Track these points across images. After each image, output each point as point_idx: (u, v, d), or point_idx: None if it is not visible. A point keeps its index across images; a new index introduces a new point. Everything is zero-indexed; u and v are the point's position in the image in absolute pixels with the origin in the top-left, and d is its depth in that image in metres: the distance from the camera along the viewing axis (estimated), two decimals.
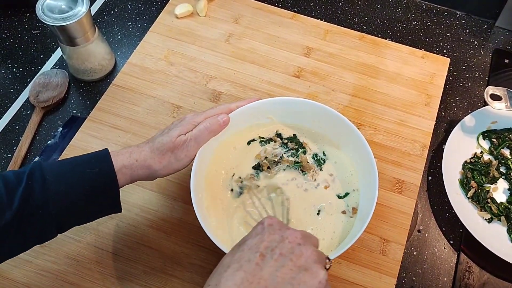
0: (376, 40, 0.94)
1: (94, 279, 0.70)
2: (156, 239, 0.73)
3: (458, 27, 1.00)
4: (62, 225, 0.58)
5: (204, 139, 0.67)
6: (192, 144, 0.65)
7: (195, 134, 0.65)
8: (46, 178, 0.56)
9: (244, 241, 0.52)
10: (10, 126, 0.86)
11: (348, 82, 0.89)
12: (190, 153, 0.65)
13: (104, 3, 1.02)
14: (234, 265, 0.48)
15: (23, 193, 0.55)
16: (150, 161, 0.62)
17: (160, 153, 0.63)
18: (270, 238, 0.51)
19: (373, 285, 0.70)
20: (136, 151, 0.63)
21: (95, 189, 0.58)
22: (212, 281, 0.48)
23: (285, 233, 0.52)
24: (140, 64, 0.90)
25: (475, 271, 0.73)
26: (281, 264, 0.49)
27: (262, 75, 0.89)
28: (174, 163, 0.64)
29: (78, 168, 0.58)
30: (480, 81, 0.92)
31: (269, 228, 0.52)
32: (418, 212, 0.78)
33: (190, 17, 0.96)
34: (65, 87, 0.89)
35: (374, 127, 0.84)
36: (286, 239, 0.51)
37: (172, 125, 0.67)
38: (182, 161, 0.65)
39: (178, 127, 0.65)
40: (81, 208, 0.58)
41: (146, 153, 0.63)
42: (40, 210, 0.55)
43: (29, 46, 0.96)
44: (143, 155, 0.62)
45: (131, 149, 0.63)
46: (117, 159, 0.60)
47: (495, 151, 0.82)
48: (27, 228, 0.55)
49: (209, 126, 0.67)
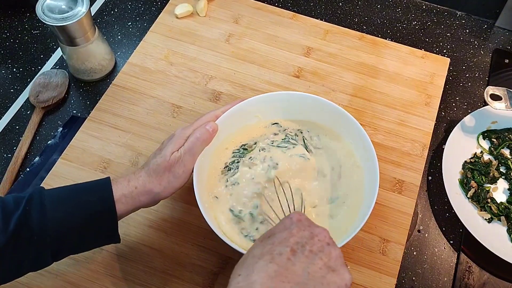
0: (376, 40, 0.94)
1: (94, 279, 0.70)
2: (156, 239, 0.73)
3: (458, 27, 1.00)
4: (57, 252, 0.58)
5: (198, 151, 0.66)
6: (186, 158, 0.64)
7: (188, 148, 0.65)
8: (45, 205, 0.56)
9: (272, 234, 0.52)
10: (10, 126, 0.86)
11: (348, 82, 0.89)
12: (187, 167, 0.64)
13: (104, 3, 1.02)
14: (266, 256, 0.48)
15: (19, 218, 0.54)
16: (149, 186, 0.62)
17: (157, 175, 0.63)
18: (300, 234, 0.51)
19: (373, 285, 0.70)
20: (133, 178, 0.62)
21: (93, 217, 0.58)
22: (243, 271, 0.48)
23: (314, 231, 0.52)
24: (140, 64, 0.90)
25: (475, 271, 0.73)
26: (311, 261, 0.49)
27: (262, 75, 0.89)
28: (174, 181, 0.64)
29: (78, 195, 0.58)
30: (480, 81, 0.92)
31: (298, 223, 0.52)
32: (418, 212, 0.78)
33: (190, 17, 0.96)
34: (65, 87, 0.89)
35: (374, 127, 0.84)
36: (316, 236, 0.51)
37: (162, 145, 0.67)
38: (181, 178, 0.64)
39: (169, 145, 0.65)
40: (78, 235, 0.58)
41: (144, 178, 0.62)
42: (36, 236, 0.55)
43: (29, 46, 0.96)
44: (141, 180, 0.62)
45: (128, 177, 0.62)
46: (116, 188, 0.60)
47: (495, 151, 0.82)
48: (21, 253, 0.55)
49: (199, 137, 0.66)
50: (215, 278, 0.70)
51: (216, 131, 0.69)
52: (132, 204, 0.61)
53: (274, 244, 0.50)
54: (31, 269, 0.58)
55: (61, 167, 0.78)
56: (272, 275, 0.47)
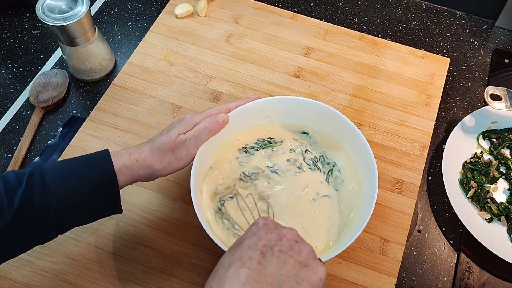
0: (376, 40, 0.94)
1: (94, 279, 0.69)
2: (156, 239, 0.73)
3: (458, 27, 1.00)
4: (62, 226, 0.58)
5: (204, 139, 0.67)
6: (191, 143, 0.65)
7: (194, 134, 0.66)
8: (46, 180, 0.56)
9: (241, 241, 0.52)
10: (10, 126, 0.86)
11: (348, 82, 0.89)
12: (190, 152, 0.65)
13: (104, 3, 1.02)
14: (236, 263, 0.48)
15: (22, 194, 0.55)
16: (150, 161, 0.62)
17: (160, 153, 0.63)
18: (267, 237, 0.51)
19: (373, 285, 0.70)
20: (136, 152, 0.63)
21: (95, 190, 0.58)
22: (215, 282, 0.48)
23: (281, 232, 0.52)
24: (140, 64, 0.90)
25: (475, 271, 0.73)
26: (282, 261, 0.49)
27: (262, 75, 0.89)
28: (175, 163, 0.64)
29: (78, 169, 0.59)
30: (480, 81, 0.92)
31: (264, 227, 0.53)
32: (418, 212, 0.78)
33: (190, 17, 0.96)
34: (65, 87, 0.89)
35: (374, 127, 0.84)
36: (284, 237, 0.51)
37: (171, 125, 0.67)
38: (182, 160, 0.65)
39: (177, 127, 0.65)
40: (81, 209, 0.58)
41: (146, 153, 0.63)
42: (40, 211, 0.55)
43: (29, 46, 0.96)
44: (143, 155, 0.62)
45: (131, 149, 0.63)
46: (117, 159, 0.60)
47: (495, 151, 0.82)
48: (27, 228, 0.55)
49: (208, 126, 0.67)
50: None
51: (226, 123, 0.69)
52: (131, 175, 0.61)
53: (243, 250, 0.50)
54: (37, 243, 0.59)
55: None
56: (245, 279, 0.46)
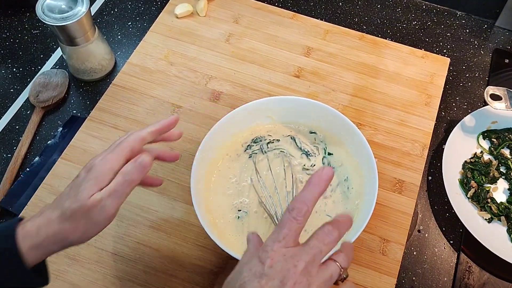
0: (376, 40, 0.94)
1: (94, 279, 0.70)
2: (156, 239, 0.73)
3: (458, 27, 1.00)
4: None
5: (125, 193, 0.53)
6: (109, 203, 0.52)
7: (111, 190, 0.52)
8: None
9: (241, 284, 0.45)
10: (10, 126, 0.86)
11: (348, 82, 0.89)
12: (108, 214, 0.53)
13: (104, 3, 1.02)
14: None
15: None
16: (63, 234, 0.52)
17: (73, 221, 0.52)
18: (269, 285, 0.44)
19: (373, 285, 0.70)
20: (44, 226, 0.52)
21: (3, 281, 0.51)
22: None
23: (284, 278, 0.45)
24: (140, 64, 0.90)
25: (475, 271, 0.73)
26: None
27: (262, 75, 0.89)
28: (93, 228, 0.53)
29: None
30: (480, 81, 0.92)
31: (269, 270, 0.45)
32: (418, 212, 0.78)
33: (190, 17, 0.96)
34: (65, 87, 0.89)
35: (374, 127, 0.84)
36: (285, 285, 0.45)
37: (79, 178, 0.54)
38: (100, 225, 0.53)
39: (88, 183, 0.53)
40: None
41: (56, 225, 0.52)
42: None
43: (29, 46, 0.96)
44: (53, 228, 0.52)
45: (38, 222, 0.52)
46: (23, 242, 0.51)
47: (495, 151, 0.82)
48: None
49: (128, 179, 0.53)
50: (215, 278, 0.70)
51: (149, 165, 0.54)
52: (43, 253, 0.52)
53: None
54: None
55: (61, 167, 0.78)
56: None
